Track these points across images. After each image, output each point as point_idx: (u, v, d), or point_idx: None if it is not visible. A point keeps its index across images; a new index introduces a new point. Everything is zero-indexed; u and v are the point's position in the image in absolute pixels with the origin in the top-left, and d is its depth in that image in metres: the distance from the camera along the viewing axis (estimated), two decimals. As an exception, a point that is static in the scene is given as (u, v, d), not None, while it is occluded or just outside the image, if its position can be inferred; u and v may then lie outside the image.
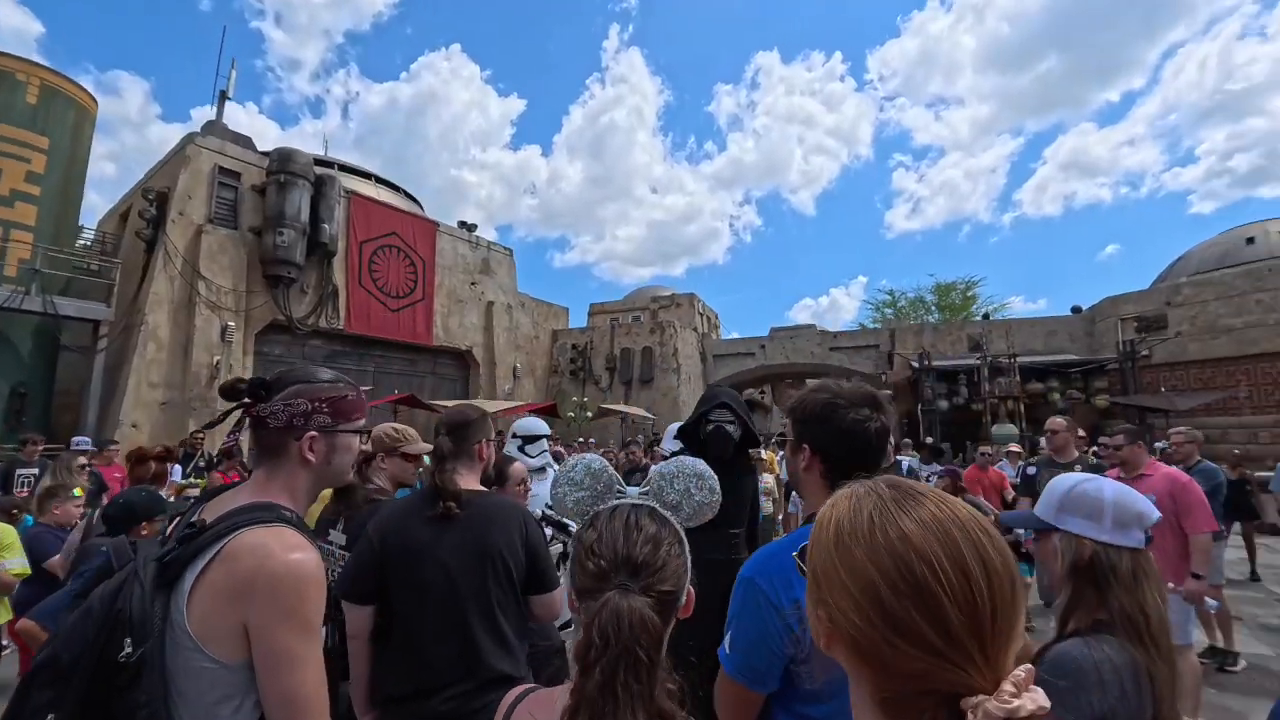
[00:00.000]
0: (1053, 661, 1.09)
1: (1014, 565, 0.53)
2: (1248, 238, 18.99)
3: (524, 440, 3.74)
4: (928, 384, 15.55)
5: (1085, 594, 1.16)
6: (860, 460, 1.24)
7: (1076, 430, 4.45)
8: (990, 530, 0.54)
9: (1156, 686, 1.05)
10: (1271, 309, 14.07)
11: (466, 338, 17.94)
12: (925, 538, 0.52)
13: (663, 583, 0.74)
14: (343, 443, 1.22)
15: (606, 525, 0.79)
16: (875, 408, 1.26)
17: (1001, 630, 0.50)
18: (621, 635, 0.67)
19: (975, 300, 29.68)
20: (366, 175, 18.62)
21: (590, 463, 0.88)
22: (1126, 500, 1.19)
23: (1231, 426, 13.89)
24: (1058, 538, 1.22)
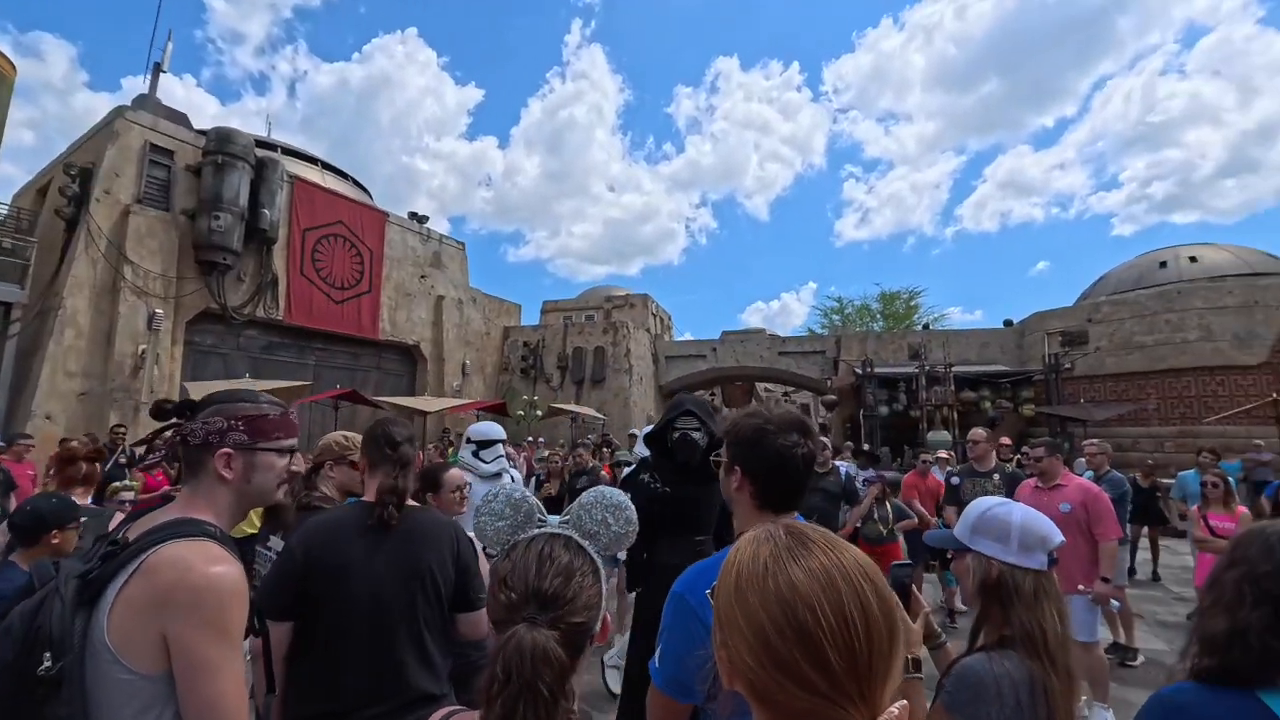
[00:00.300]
0: (958, 675, 1.18)
1: (894, 610, 0.57)
2: (1161, 261, 20.43)
3: (478, 445, 3.64)
4: (870, 390, 16.12)
5: (992, 611, 1.26)
6: (787, 484, 1.30)
7: (997, 440, 4.73)
8: (873, 577, 0.58)
9: (1051, 699, 1.15)
10: (1179, 329, 15.21)
11: (414, 332, 17.51)
12: (811, 586, 0.56)
13: (573, 615, 0.76)
14: (262, 461, 1.23)
15: (521, 557, 0.81)
16: (804, 434, 1.32)
17: (879, 671, 0.54)
18: (524, 670, 0.69)
19: (917, 310, 30.94)
20: (312, 160, 17.91)
21: (511, 493, 0.90)
22: (1032, 525, 1.29)
23: (1141, 436, 14.95)
24: (970, 557, 1.32)
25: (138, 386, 11.22)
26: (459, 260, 19.39)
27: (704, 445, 2.77)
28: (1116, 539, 3.76)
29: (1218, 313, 14.93)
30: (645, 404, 20.60)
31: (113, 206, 11.51)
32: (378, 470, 1.81)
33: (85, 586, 1.01)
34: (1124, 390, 15.67)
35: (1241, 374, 14.40)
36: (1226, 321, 14.80)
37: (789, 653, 0.55)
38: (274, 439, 1.25)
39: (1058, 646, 1.19)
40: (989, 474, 4.51)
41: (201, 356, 13.17)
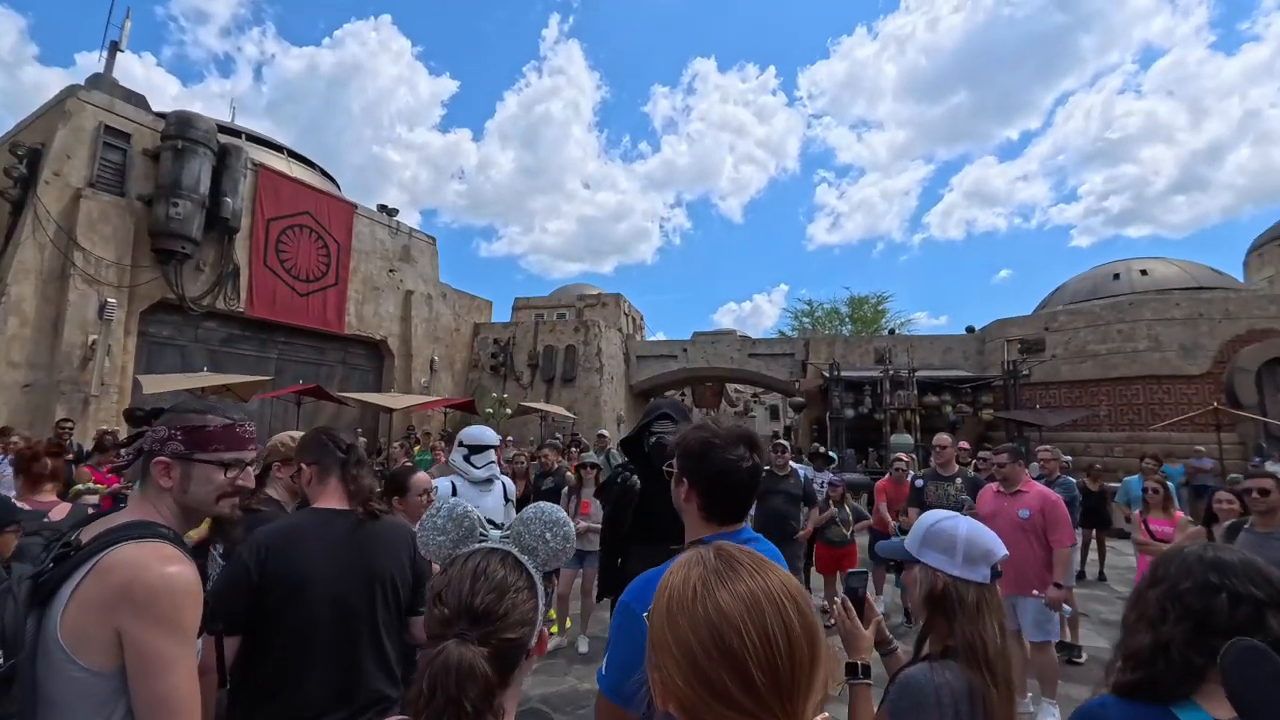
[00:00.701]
0: (901, 684, 1.22)
1: (815, 628, 0.61)
2: (1114, 273, 21.24)
3: (470, 449, 3.56)
4: (836, 393, 16.40)
5: (937, 621, 1.31)
6: (733, 496, 1.34)
7: (957, 445, 4.87)
8: (796, 597, 0.62)
9: (990, 710, 1.20)
10: (1129, 338, 15.84)
11: (382, 327, 17.18)
12: (737, 608, 0.59)
13: (505, 631, 0.77)
14: (199, 473, 1.24)
15: (456, 572, 0.82)
16: (751, 447, 1.35)
17: (801, 687, 0.58)
18: (448, 686, 0.70)
19: (885, 314, 31.59)
20: (278, 148, 17.43)
21: (453, 507, 0.91)
22: (977, 539, 1.34)
23: (1092, 441, 15.53)
24: (918, 569, 1.36)
25: (86, 379, 10.78)
26: (429, 255, 19.10)
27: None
28: (1071, 545, 3.90)
29: (1166, 324, 15.60)
30: (616, 403, 20.59)
31: (63, 189, 11.03)
32: (330, 474, 1.78)
33: (38, 588, 1.04)
34: (1077, 397, 16.26)
35: (1186, 383, 15.07)
36: (1173, 333, 15.47)
37: (716, 674, 0.57)
38: (212, 451, 1.26)
39: (997, 658, 1.24)
40: (952, 478, 4.65)
41: (157, 348, 12.71)
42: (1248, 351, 14.84)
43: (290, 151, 17.70)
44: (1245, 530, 3.40)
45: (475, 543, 0.88)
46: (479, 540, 0.88)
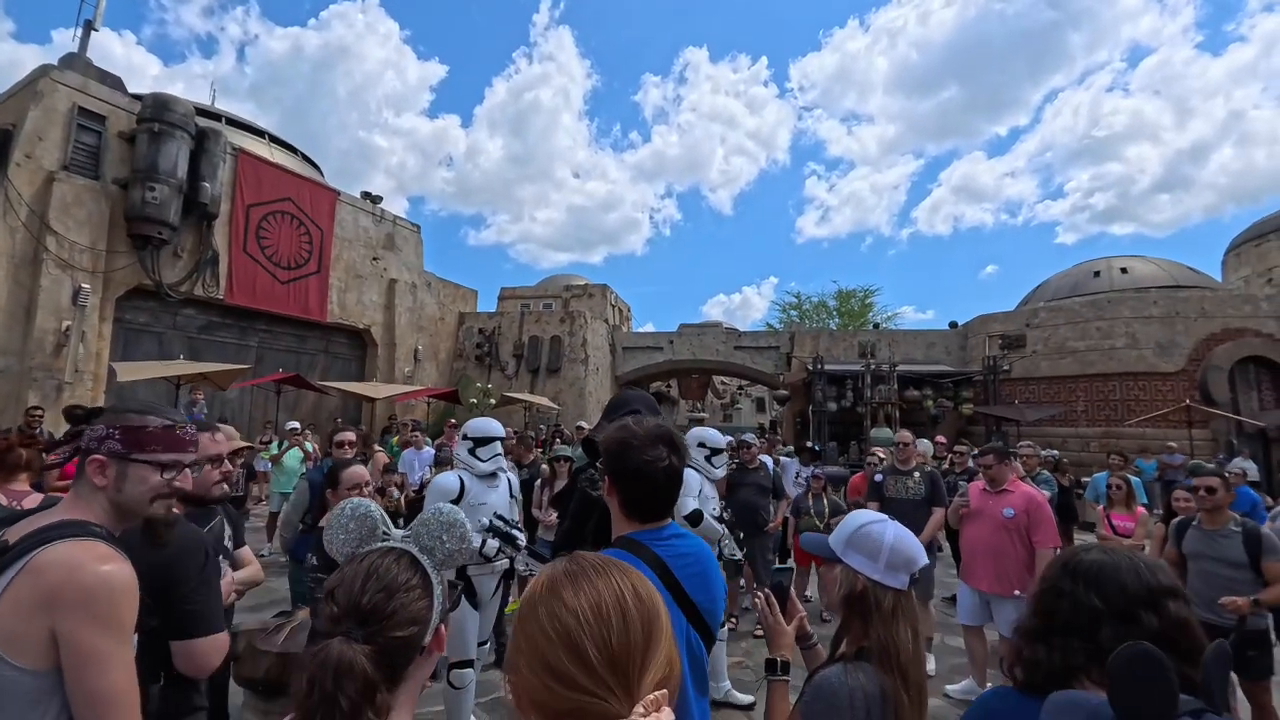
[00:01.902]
0: (815, 686, 1.25)
1: (654, 612, 0.65)
2: (1094, 271, 21.49)
3: (475, 443, 3.51)
4: (819, 387, 16.52)
5: (853, 622, 1.32)
6: (650, 495, 1.36)
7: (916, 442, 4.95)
8: (637, 586, 0.67)
9: (900, 713, 1.22)
10: (1107, 336, 16.06)
11: (365, 316, 17.05)
12: (578, 599, 0.64)
13: (393, 629, 0.79)
14: (134, 473, 1.25)
15: (350, 571, 0.84)
16: (670, 448, 1.37)
17: (636, 663, 0.61)
18: (325, 683, 0.72)
19: (872, 308, 31.78)
20: (259, 133, 17.17)
21: (356, 507, 0.92)
22: (901, 546, 1.35)
23: (1069, 436, 15.77)
24: (840, 569, 1.37)
25: (60, 365, 10.62)
26: (414, 243, 18.95)
27: None
28: (1054, 547, 3.89)
29: (1143, 322, 15.83)
30: (601, 394, 20.60)
31: (35, 172, 10.80)
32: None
33: None
34: (1056, 393, 16.48)
35: (1161, 380, 15.32)
36: (1150, 330, 15.71)
37: (556, 657, 0.61)
38: (149, 451, 1.27)
39: (910, 662, 1.26)
40: (910, 472, 4.72)
41: (133, 335, 12.53)
42: (1221, 350, 15.11)
43: (272, 136, 17.44)
44: (1193, 527, 3.48)
45: (378, 542, 0.90)
46: (381, 540, 0.90)
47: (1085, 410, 15.98)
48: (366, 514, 0.91)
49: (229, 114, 16.97)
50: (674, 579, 1.30)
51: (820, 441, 15.03)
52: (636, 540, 1.35)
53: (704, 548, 1.44)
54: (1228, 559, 3.31)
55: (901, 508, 4.72)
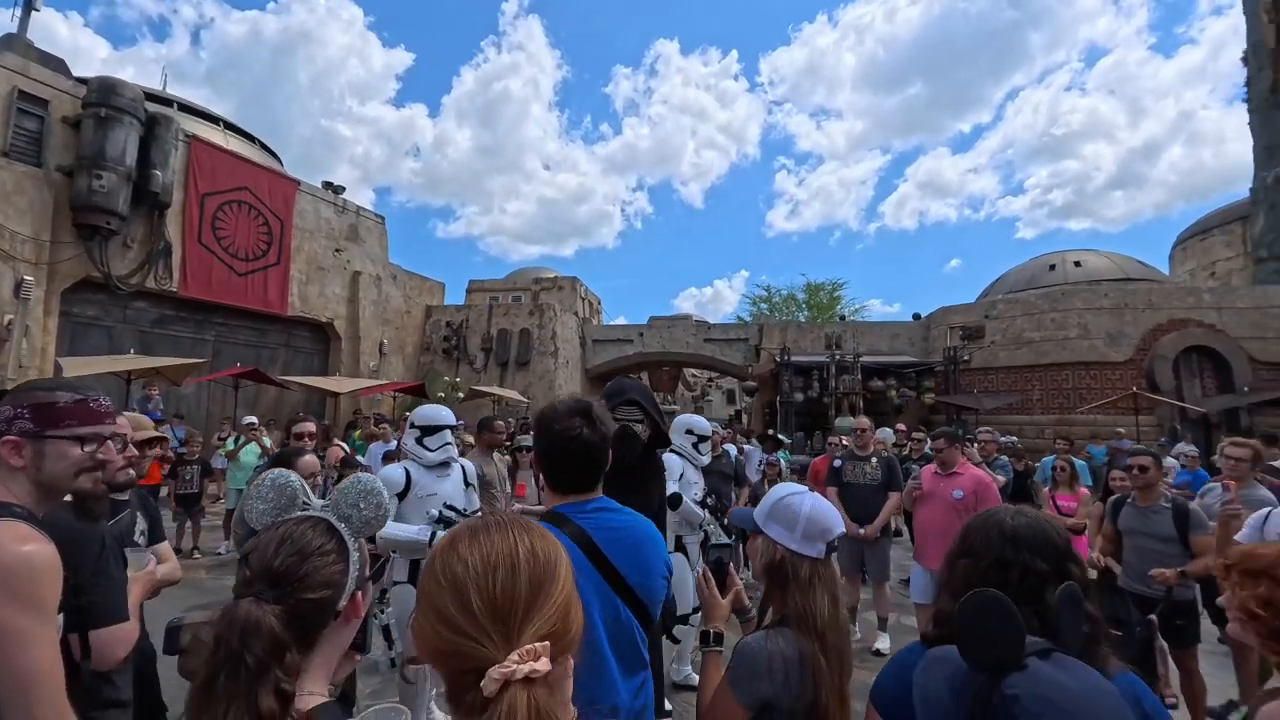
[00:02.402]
0: (738, 652, 1.30)
1: (547, 568, 0.66)
2: (1050, 264, 22.22)
3: (422, 431, 3.33)
4: (786, 378, 16.75)
5: (774, 591, 1.37)
6: (568, 466, 1.39)
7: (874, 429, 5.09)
8: (536, 547, 0.68)
9: (818, 676, 1.26)
10: (1061, 327, 16.62)
11: (328, 309, 16.68)
12: (471, 549, 0.66)
13: (305, 591, 0.81)
14: (53, 450, 1.24)
15: (266, 537, 0.85)
16: (585, 420, 1.40)
17: (520, 615, 0.62)
18: (231, 641, 0.73)
19: (840, 301, 32.25)
20: (214, 120, 16.62)
21: (277, 478, 0.93)
22: (818, 516, 1.40)
23: (1025, 424, 16.28)
24: (761, 540, 1.42)
25: (3, 360, 10.17)
26: (378, 234, 18.57)
27: (646, 438, 2.50)
28: None
29: (1095, 313, 16.41)
30: (571, 387, 20.55)
31: (-29, 158, 10.29)
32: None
33: None
34: (1013, 382, 17.00)
35: (1111, 369, 15.92)
36: (1101, 321, 16.30)
37: (443, 601, 0.63)
38: (65, 426, 1.26)
39: (828, 628, 1.31)
40: (868, 458, 4.85)
41: (81, 329, 12.05)
42: (1167, 340, 15.76)
43: (227, 123, 16.90)
44: (1128, 504, 3.66)
45: (298, 511, 0.91)
46: (301, 509, 0.91)
47: (1040, 398, 16.53)
48: (286, 484, 0.93)
49: (182, 99, 16.39)
50: (598, 552, 1.31)
51: (788, 431, 15.26)
52: (560, 513, 1.37)
53: (640, 526, 1.45)
54: (1158, 534, 3.48)
55: (860, 492, 4.85)
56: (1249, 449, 3.77)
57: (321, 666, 0.84)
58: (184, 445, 8.06)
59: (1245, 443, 3.87)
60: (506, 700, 0.56)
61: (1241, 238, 21.77)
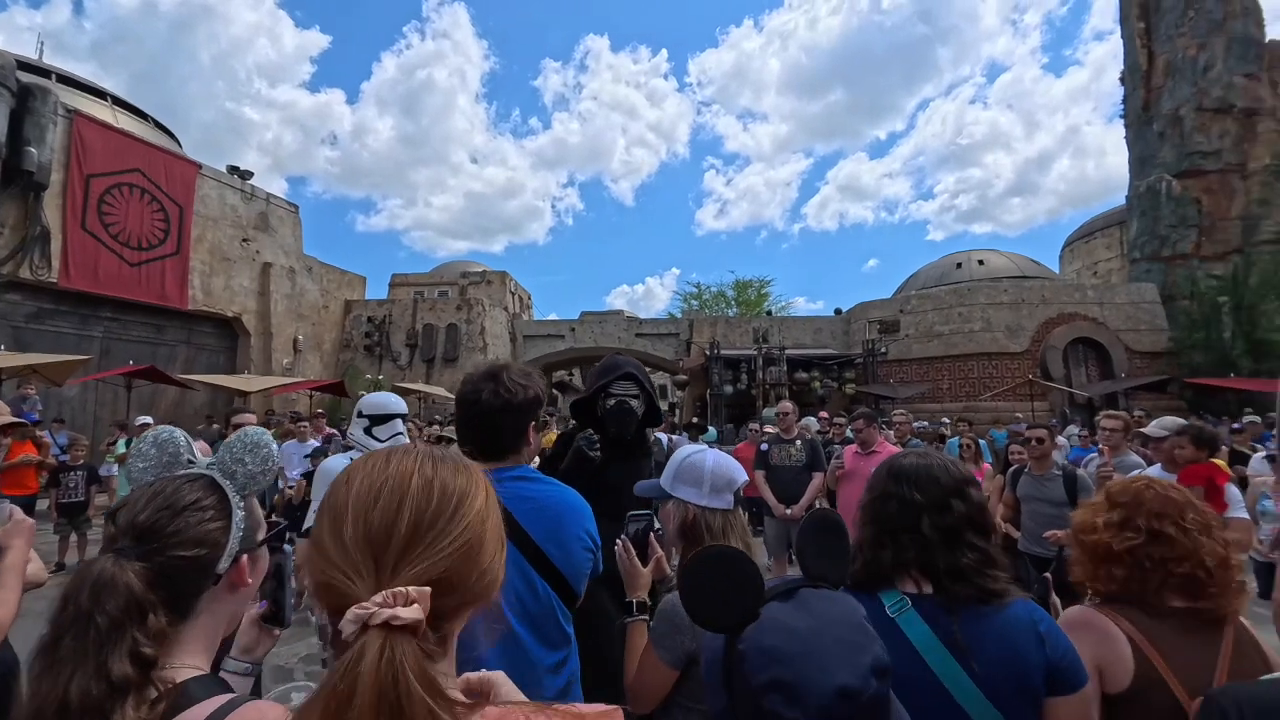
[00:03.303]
0: (659, 611, 1.30)
1: (444, 509, 0.57)
2: (957, 263, 23.77)
3: (371, 420, 3.12)
4: (716, 371, 17.10)
5: (691, 550, 1.39)
6: (473, 427, 1.37)
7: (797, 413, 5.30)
8: (439, 477, 0.59)
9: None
10: (967, 320, 17.81)
11: (235, 303, 15.59)
12: (364, 475, 0.58)
13: (174, 548, 0.74)
14: None
15: (139, 494, 0.78)
16: (493, 382, 1.38)
17: (397, 552, 0.54)
18: (80, 599, 0.67)
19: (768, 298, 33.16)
20: (100, 94, 15.18)
21: (159, 434, 0.87)
22: (721, 469, 1.43)
23: (936, 411, 17.31)
24: (672, 503, 1.43)
25: None
26: (291, 224, 17.52)
27: (641, 415, 2.39)
28: None
29: (996, 308, 17.68)
30: (501, 384, 20.15)
31: None
32: None
33: None
34: (925, 372, 18.08)
35: (1010, 359, 17.21)
36: (1002, 315, 17.58)
37: (321, 523, 0.57)
38: None
39: None
40: (792, 441, 5.03)
41: (-62, 323, 10.73)
42: (1057, 332, 17.21)
43: (116, 99, 15.49)
44: (1024, 474, 3.96)
45: (181, 469, 0.84)
46: (185, 467, 0.84)
47: (949, 387, 17.65)
48: (169, 439, 0.85)
49: (62, 71, 14.87)
50: (513, 521, 1.28)
51: (718, 422, 15.58)
52: None
53: (561, 495, 1.42)
54: (1052, 499, 3.79)
55: (785, 474, 5.01)
56: (1120, 420, 4.17)
57: (201, 637, 0.77)
58: (66, 451, 7.33)
59: (1117, 415, 4.28)
60: (357, 647, 0.48)
61: (1119, 240, 24.05)
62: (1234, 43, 18.73)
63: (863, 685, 0.70)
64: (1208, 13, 19.11)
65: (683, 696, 1.28)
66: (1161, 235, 19.17)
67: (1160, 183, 19.24)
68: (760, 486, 4.99)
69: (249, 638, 0.97)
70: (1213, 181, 18.59)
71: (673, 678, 1.27)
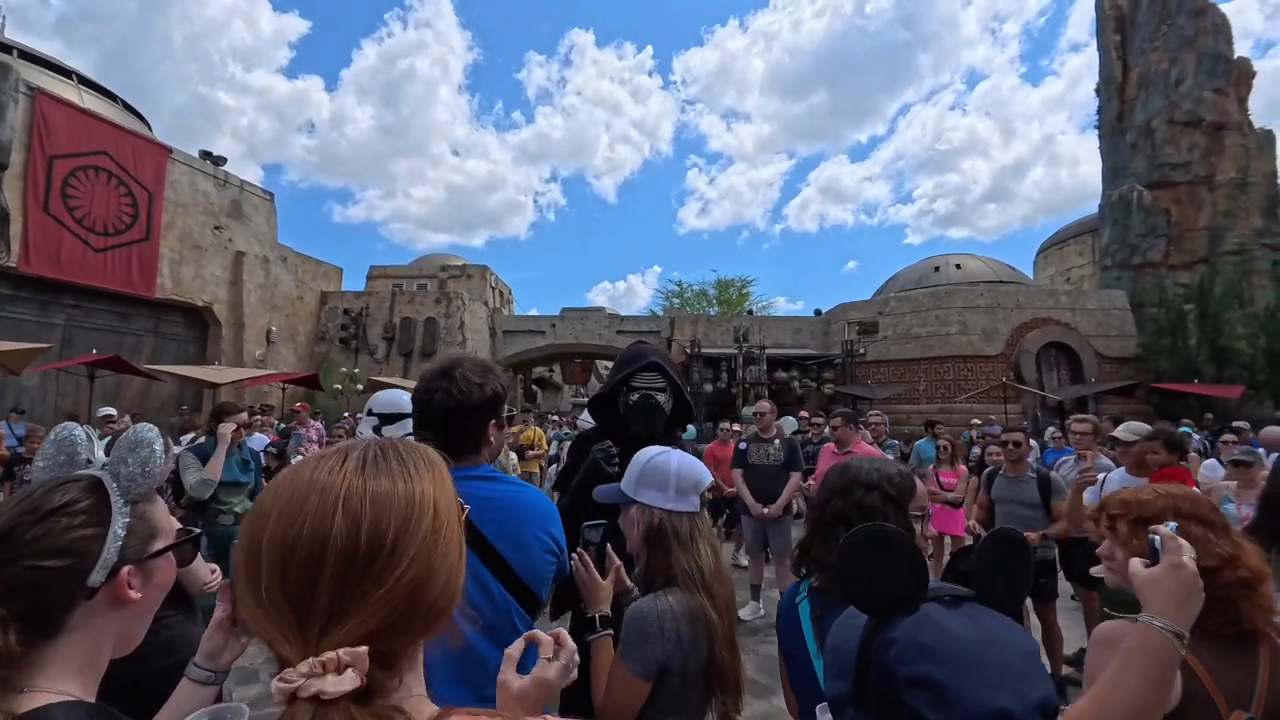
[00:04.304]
0: (628, 620, 1.25)
1: (377, 540, 0.49)
2: (935, 266, 24.11)
3: (381, 419, 2.96)
4: (696, 369, 17.12)
5: (657, 556, 1.33)
6: (427, 425, 1.32)
7: (775, 412, 5.30)
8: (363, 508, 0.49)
9: (710, 629, 1.25)
10: (944, 323, 18.06)
11: (205, 292, 15.19)
12: (283, 505, 0.50)
13: (34, 557, 0.65)
14: None
15: (13, 497, 0.72)
16: (446, 380, 1.32)
17: (323, 611, 0.46)
18: None
19: (748, 298, 33.32)
20: (66, 73, 14.66)
21: (59, 431, 0.80)
22: (686, 470, 1.38)
23: (912, 412, 17.56)
24: (635, 509, 1.37)
25: None
26: (265, 212, 17.12)
27: (669, 410, 2.18)
28: None
29: (972, 311, 17.96)
30: (480, 379, 19.94)
31: None
32: None
33: None
34: (902, 373, 18.30)
35: (985, 362, 17.50)
36: (978, 319, 17.86)
37: (237, 566, 0.50)
38: None
39: (714, 580, 1.30)
40: (771, 440, 5.02)
41: (-113, 307, 10.28)
42: (1030, 336, 17.53)
43: (82, 78, 14.99)
44: (1000, 475, 4.00)
45: (79, 469, 0.77)
46: (83, 467, 0.77)
47: (925, 389, 17.90)
48: (68, 437, 0.78)
49: (24, 47, 14.33)
50: (469, 522, 1.20)
51: (697, 421, 15.59)
52: None
53: (521, 496, 1.35)
54: (1025, 500, 3.83)
55: (763, 473, 5.00)
56: (1089, 423, 4.24)
57: (73, 658, 0.68)
58: (23, 443, 7.08)
59: (1086, 418, 4.36)
60: (287, 716, 0.43)
61: (1091, 248, 24.59)
62: (1204, 58, 19.24)
63: (1023, 715, 0.65)
64: (1180, 28, 19.61)
65: (656, 709, 1.23)
66: (1132, 244, 19.64)
67: (1132, 192, 19.70)
68: (738, 485, 4.98)
69: (214, 643, 0.90)
70: (1181, 193, 19.09)
71: (645, 690, 1.21)
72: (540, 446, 7.37)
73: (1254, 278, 17.59)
